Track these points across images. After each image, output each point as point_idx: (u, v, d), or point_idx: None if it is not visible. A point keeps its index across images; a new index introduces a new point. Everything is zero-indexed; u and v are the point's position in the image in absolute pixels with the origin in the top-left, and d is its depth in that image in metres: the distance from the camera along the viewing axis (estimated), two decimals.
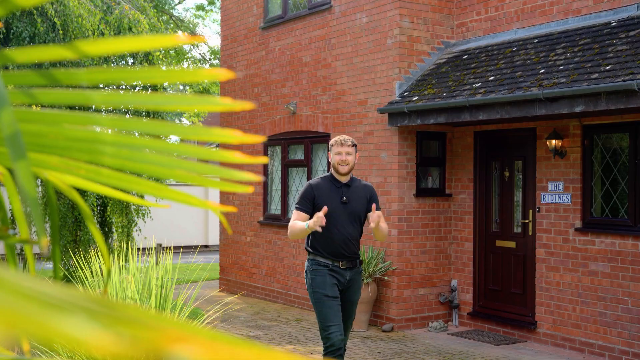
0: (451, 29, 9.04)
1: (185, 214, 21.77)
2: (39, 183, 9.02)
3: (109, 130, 1.09)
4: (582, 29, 7.43)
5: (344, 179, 5.14)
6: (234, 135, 1.04)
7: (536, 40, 7.86)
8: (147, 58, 10.37)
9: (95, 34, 10.08)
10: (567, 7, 7.77)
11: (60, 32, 9.35)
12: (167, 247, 20.21)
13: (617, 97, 6.18)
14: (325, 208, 4.72)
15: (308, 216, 4.93)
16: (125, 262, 5.00)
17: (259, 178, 1.14)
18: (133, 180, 1.15)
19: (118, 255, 4.91)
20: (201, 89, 20.69)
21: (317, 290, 4.99)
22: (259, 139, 1.07)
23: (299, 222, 4.86)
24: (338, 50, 9.58)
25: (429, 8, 8.87)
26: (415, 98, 8.27)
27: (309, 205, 5.00)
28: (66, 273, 4.90)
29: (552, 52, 7.40)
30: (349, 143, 5.13)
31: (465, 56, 8.57)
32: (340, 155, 5.10)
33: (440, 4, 8.96)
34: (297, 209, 5.02)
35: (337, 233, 4.98)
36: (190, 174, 1.11)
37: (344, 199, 5.03)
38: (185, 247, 21.92)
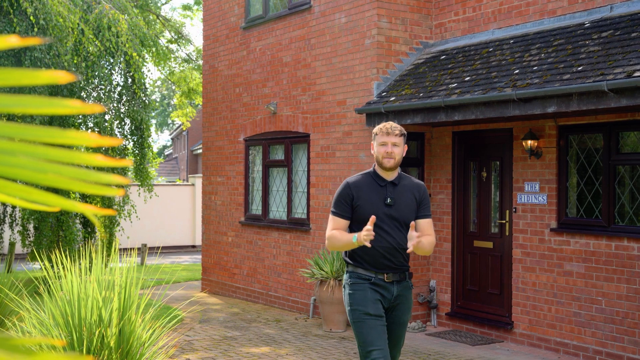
0: (430, 30, 9.05)
1: (173, 215, 21.73)
2: None
3: None
4: (557, 30, 7.45)
5: (390, 176, 4.25)
6: (90, 138, 1.03)
7: (512, 41, 7.87)
8: (125, 58, 10.34)
9: (75, 32, 10.05)
10: (542, 8, 7.78)
11: (36, 29, 9.31)
12: (153, 247, 20.15)
13: (588, 98, 6.19)
14: (373, 218, 3.98)
15: (347, 222, 4.20)
16: (91, 263, 4.97)
17: (127, 180, 1.13)
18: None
19: (94, 254, 4.87)
20: (187, 89, 20.63)
21: (357, 308, 4.11)
22: (117, 141, 1.06)
23: (343, 235, 4.11)
24: (317, 50, 9.58)
25: (407, 8, 8.88)
26: (392, 98, 8.28)
27: (347, 209, 4.19)
28: (46, 274, 4.88)
29: (527, 53, 7.41)
30: (397, 132, 4.22)
31: (443, 56, 8.58)
32: (386, 146, 4.19)
33: (419, 5, 8.96)
34: (333, 214, 4.22)
35: (381, 240, 4.12)
36: (61, 177, 1.10)
37: (389, 200, 4.18)
38: (173, 247, 21.90)
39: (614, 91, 5.94)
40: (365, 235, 3.94)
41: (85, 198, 11.45)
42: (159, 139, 70.11)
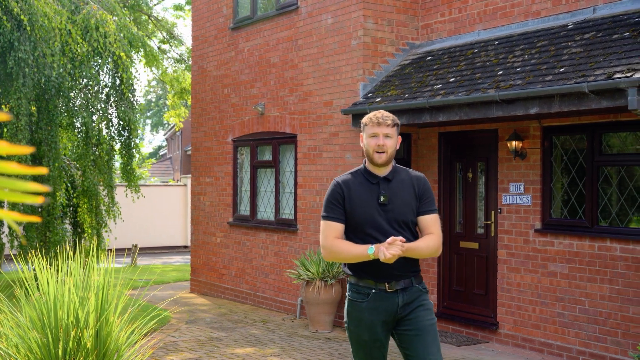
0: (416, 30, 9.06)
1: (165, 215, 21.71)
2: None
3: None
4: (541, 31, 7.47)
5: (382, 172, 3.78)
6: (0, 146, 1.04)
7: (497, 42, 7.89)
8: (113, 59, 10.32)
9: (63, 33, 10.03)
10: (527, 9, 7.80)
11: (28, 28, 9.27)
12: (146, 248, 20.09)
13: (570, 99, 6.21)
14: (402, 238, 3.59)
15: (343, 226, 3.75)
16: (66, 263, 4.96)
17: (45, 188, 1.13)
18: None
19: (70, 255, 4.86)
20: (180, 90, 20.60)
21: (352, 330, 3.79)
22: (27, 149, 1.06)
23: (351, 246, 3.68)
24: (305, 51, 9.59)
25: (394, 9, 8.88)
26: (378, 99, 8.29)
27: (340, 211, 3.74)
28: (28, 275, 4.87)
29: (510, 54, 7.43)
30: (389, 122, 3.73)
31: (429, 57, 8.60)
32: (376, 138, 3.71)
33: (405, 5, 8.98)
34: (325, 218, 3.75)
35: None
36: None
37: (382, 199, 3.72)
38: (165, 248, 21.88)
39: (595, 92, 5.96)
40: (392, 254, 3.52)
41: (72, 206, 11.44)
42: (154, 140, 70.04)
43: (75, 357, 4.30)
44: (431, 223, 3.77)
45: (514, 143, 7.72)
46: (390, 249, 3.55)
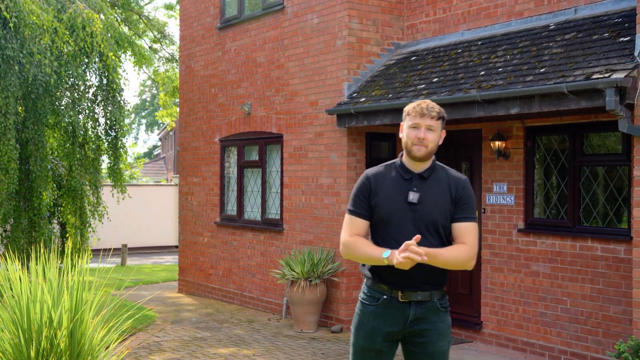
0: (401, 30, 9.07)
1: (156, 215, 21.67)
2: None
3: None
4: (523, 32, 7.48)
5: (419, 167, 3.45)
6: None
7: (480, 42, 7.90)
8: (101, 59, 10.30)
9: (49, 32, 10.00)
10: (510, 10, 7.82)
11: (11, 24, 9.23)
12: (137, 248, 20.00)
13: (549, 100, 6.22)
14: (417, 237, 3.22)
15: (367, 223, 3.46)
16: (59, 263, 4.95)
17: None
18: None
19: (45, 255, 4.84)
20: (172, 89, 20.58)
21: (353, 332, 3.53)
22: None
23: (368, 247, 3.39)
24: (290, 51, 9.58)
25: (379, 9, 8.89)
26: (362, 99, 8.29)
27: (366, 207, 3.45)
28: (2, 275, 4.86)
29: (493, 54, 7.45)
30: (434, 113, 3.38)
31: (414, 57, 8.60)
32: (418, 130, 3.39)
33: (391, 6, 8.98)
34: (349, 212, 3.48)
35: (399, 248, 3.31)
36: None
37: (411, 197, 3.38)
38: (156, 248, 21.85)
39: (574, 93, 5.97)
40: (405, 257, 3.18)
41: (60, 205, 11.40)
42: (149, 139, 69.91)
43: (48, 357, 4.30)
44: (465, 232, 3.39)
45: (497, 143, 7.73)
46: (403, 253, 3.20)
